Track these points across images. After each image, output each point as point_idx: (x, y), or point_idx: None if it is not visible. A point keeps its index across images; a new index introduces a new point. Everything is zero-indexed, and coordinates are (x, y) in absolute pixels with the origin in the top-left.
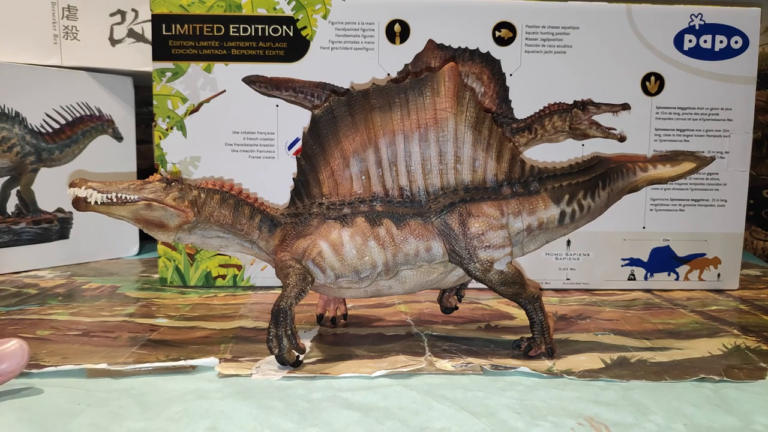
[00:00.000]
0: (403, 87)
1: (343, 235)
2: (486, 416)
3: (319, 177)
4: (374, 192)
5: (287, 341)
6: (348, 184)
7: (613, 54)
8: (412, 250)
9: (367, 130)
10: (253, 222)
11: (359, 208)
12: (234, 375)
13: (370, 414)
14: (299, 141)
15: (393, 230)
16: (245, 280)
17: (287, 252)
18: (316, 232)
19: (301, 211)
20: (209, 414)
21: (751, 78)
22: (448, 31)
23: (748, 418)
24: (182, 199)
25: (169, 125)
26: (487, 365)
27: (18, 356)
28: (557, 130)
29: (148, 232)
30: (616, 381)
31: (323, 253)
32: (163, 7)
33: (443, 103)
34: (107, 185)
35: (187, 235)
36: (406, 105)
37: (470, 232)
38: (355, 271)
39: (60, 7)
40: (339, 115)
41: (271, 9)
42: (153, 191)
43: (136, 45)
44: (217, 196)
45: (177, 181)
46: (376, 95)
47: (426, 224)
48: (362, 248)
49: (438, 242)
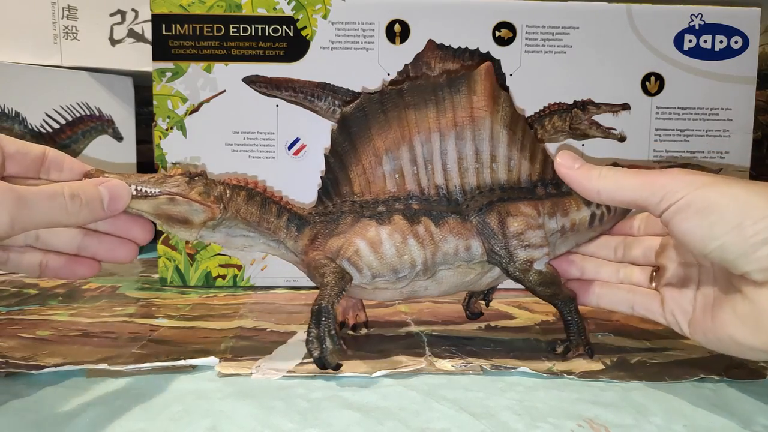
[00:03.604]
0: (438, 85)
1: (381, 233)
2: (486, 417)
3: (350, 175)
4: (409, 190)
5: (330, 342)
6: (381, 182)
7: (613, 54)
8: (452, 249)
9: (400, 127)
10: (281, 220)
11: (394, 207)
12: (234, 374)
13: (371, 414)
14: (299, 141)
15: (432, 228)
16: (245, 280)
17: (319, 251)
18: (350, 230)
19: (332, 209)
20: (209, 414)
21: (751, 78)
22: (448, 31)
23: (748, 418)
24: (207, 195)
25: (169, 125)
26: (487, 365)
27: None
28: (557, 130)
29: (169, 229)
30: (616, 382)
31: (360, 252)
32: (163, 7)
33: (480, 102)
34: (126, 177)
35: (211, 233)
36: (442, 103)
37: (510, 231)
38: (393, 270)
39: (60, 7)
40: (371, 112)
41: (271, 9)
42: (176, 185)
43: (136, 45)
44: (243, 192)
45: (200, 175)
46: (411, 93)
47: (465, 223)
48: (401, 246)
49: (477, 241)
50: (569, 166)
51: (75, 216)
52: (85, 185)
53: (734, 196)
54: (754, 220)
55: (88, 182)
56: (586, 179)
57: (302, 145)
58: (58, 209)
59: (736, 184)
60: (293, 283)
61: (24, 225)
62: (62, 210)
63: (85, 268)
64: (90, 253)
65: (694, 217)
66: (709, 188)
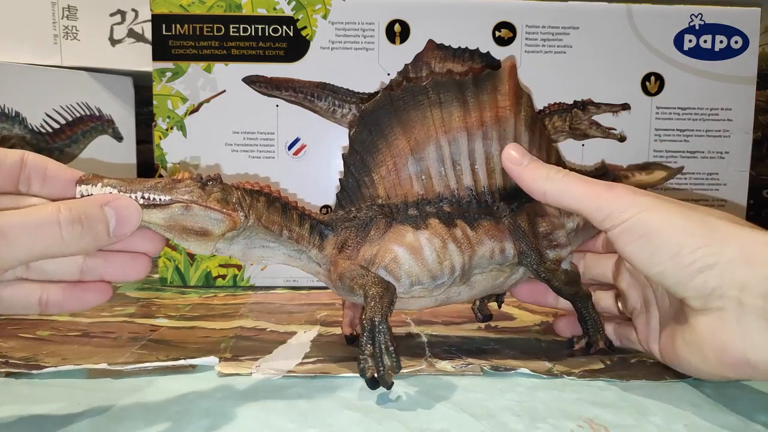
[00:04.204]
0: (464, 83)
1: (420, 238)
2: (486, 418)
3: (373, 177)
4: (438, 192)
5: (389, 359)
6: (407, 184)
7: (613, 54)
8: (488, 252)
9: (425, 126)
10: (303, 228)
11: (426, 210)
12: (234, 374)
13: (370, 414)
14: (299, 141)
15: (468, 232)
16: (245, 280)
17: (351, 261)
18: (385, 236)
19: (357, 214)
20: (209, 414)
21: (751, 78)
22: (448, 31)
23: (748, 417)
24: (226, 202)
25: (169, 125)
26: (487, 366)
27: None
28: (557, 130)
29: (183, 242)
30: (615, 381)
31: (398, 259)
32: (163, 7)
33: (505, 101)
34: (129, 183)
35: (228, 245)
36: (468, 102)
37: (540, 232)
38: (433, 277)
39: (60, 7)
40: (392, 110)
41: (271, 9)
42: (188, 191)
43: (136, 45)
44: (263, 198)
45: (214, 179)
46: (435, 90)
47: (498, 225)
48: (442, 252)
49: (510, 243)
50: (516, 161)
51: (74, 246)
52: (86, 206)
53: (673, 224)
54: (690, 249)
55: (89, 202)
56: (533, 179)
57: (302, 145)
58: (52, 239)
59: (677, 210)
60: (293, 283)
61: (5, 264)
62: (56, 240)
63: (95, 294)
64: (97, 275)
65: (637, 242)
66: (650, 213)
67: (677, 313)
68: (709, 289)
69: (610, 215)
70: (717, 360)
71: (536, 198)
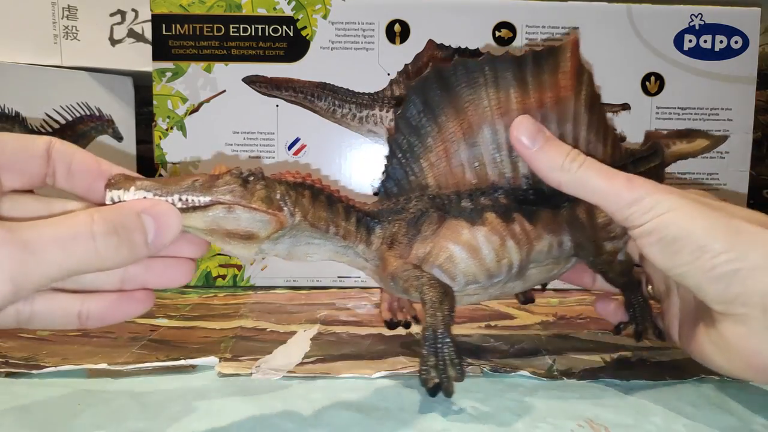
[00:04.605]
0: (523, 60)
1: (476, 236)
2: (486, 418)
3: (422, 164)
4: (493, 181)
5: (453, 370)
6: (459, 172)
7: (613, 54)
8: (545, 247)
9: (478, 107)
10: (350, 222)
11: (481, 201)
12: (234, 374)
13: (371, 415)
14: (299, 141)
15: (526, 226)
16: (245, 280)
17: (403, 259)
18: (439, 233)
19: (406, 206)
20: (209, 414)
21: (751, 78)
22: (448, 31)
23: (748, 418)
24: (270, 200)
25: (169, 125)
26: (487, 368)
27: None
28: None
29: (224, 246)
30: (616, 381)
31: (454, 258)
32: (163, 7)
33: (566, 80)
34: (164, 185)
35: (273, 246)
36: (526, 81)
37: (598, 223)
38: (490, 276)
39: (60, 7)
40: (443, 88)
41: (271, 9)
42: (229, 190)
43: (136, 45)
44: (307, 192)
45: (255, 174)
46: (489, 69)
47: (556, 216)
48: (500, 250)
49: (567, 235)
50: (527, 144)
51: (109, 260)
52: (121, 215)
53: (696, 227)
54: (713, 254)
55: (124, 209)
56: (547, 168)
57: (302, 145)
58: (85, 253)
59: (701, 211)
60: (293, 283)
61: (35, 284)
62: (90, 254)
63: (137, 303)
64: (138, 283)
65: (658, 244)
66: (673, 215)
67: (701, 309)
68: (732, 296)
69: (631, 216)
70: (744, 364)
71: (552, 185)
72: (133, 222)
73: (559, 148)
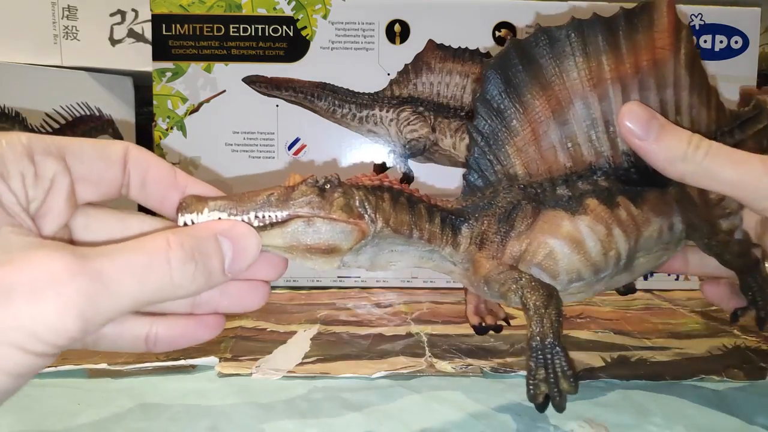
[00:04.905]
0: (613, 21)
1: (579, 227)
2: (486, 418)
3: (507, 150)
4: (589, 162)
5: (566, 383)
6: (551, 155)
7: None
8: (655, 232)
9: (566, 80)
10: (434, 224)
11: (578, 187)
12: (234, 374)
13: (371, 415)
14: (299, 141)
15: (632, 210)
16: None
17: (494, 260)
18: (535, 227)
19: (494, 200)
20: (209, 414)
21: (751, 78)
22: (448, 31)
23: (748, 418)
24: (350, 208)
25: (169, 125)
26: (487, 367)
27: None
28: None
29: (305, 261)
30: (616, 381)
31: (555, 254)
32: (163, 7)
33: (663, 40)
34: (238, 202)
35: (355, 257)
36: (619, 45)
37: (711, 199)
38: (596, 271)
39: (60, 7)
40: (525, 63)
41: (271, 9)
42: (306, 201)
43: (136, 45)
44: (386, 194)
45: (331, 182)
46: (576, 35)
47: (664, 196)
48: (607, 240)
49: (678, 216)
50: (641, 134)
51: (183, 289)
52: (199, 239)
53: None
54: None
55: (201, 233)
56: (666, 160)
57: (302, 145)
58: (160, 283)
59: None
60: (293, 283)
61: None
62: (165, 283)
63: (207, 329)
64: (210, 307)
65: None
66: None
67: None
68: None
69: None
70: None
71: (672, 178)
72: (211, 247)
73: (678, 136)
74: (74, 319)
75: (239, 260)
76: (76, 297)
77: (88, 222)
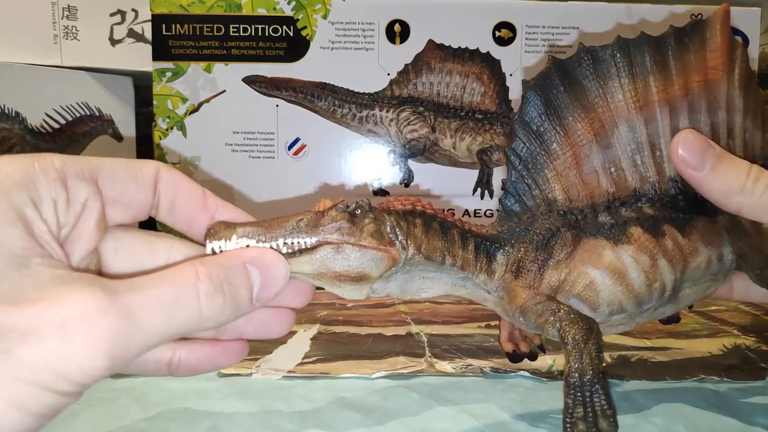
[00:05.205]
0: (662, 40)
1: (621, 256)
2: (486, 418)
3: (547, 174)
4: (634, 188)
5: (606, 424)
6: (593, 180)
7: None
8: (703, 263)
9: (610, 102)
10: (467, 251)
11: (622, 214)
12: (234, 374)
13: (371, 415)
14: (299, 141)
15: (679, 240)
16: None
17: (531, 289)
18: (574, 256)
19: (531, 226)
20: (209, 414)
21: None
22: (448, 31)
23: (748, 418)
24: (381, 234)
25: (169, 125)
26: (487, 368)
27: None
28: None
29: (334, 289)
30: (616, 381)
31: (596, 286)
32: (163, 7)
33: (715, 60)
34: (267, 229)
35: (385, 284)
36: (668, 65)
37: (765, 230)
38: (639, 303)
39: (60, 7)
40: (566, 83)
41: (271, 9)
42: (336, 228)
43: (136, 45)
44: (418, 220)
45: (361, 207)
46: (622, 55)
47: (713, 225)
48: (651, 271)
49: (728, 246)
50: (695, 164)
51: (210, 321)
52: (228, 268)
53: None
54: None
55: (230, 263)
56: (722, 192)
57: (302, 145)
58: (188, 317)
59: None
60: None
61: (133, 356)
62: (193, 316)
63: (231, 354)
64: (235, 334)
65: None
66: None
67: None
68: None
69: None
70: None
71: (728, 211)
72: (239, 277)
73: (736, 167)
74: (103, 358)
75: (267, 289)
76: (105, 336)
77: (116, 246)
